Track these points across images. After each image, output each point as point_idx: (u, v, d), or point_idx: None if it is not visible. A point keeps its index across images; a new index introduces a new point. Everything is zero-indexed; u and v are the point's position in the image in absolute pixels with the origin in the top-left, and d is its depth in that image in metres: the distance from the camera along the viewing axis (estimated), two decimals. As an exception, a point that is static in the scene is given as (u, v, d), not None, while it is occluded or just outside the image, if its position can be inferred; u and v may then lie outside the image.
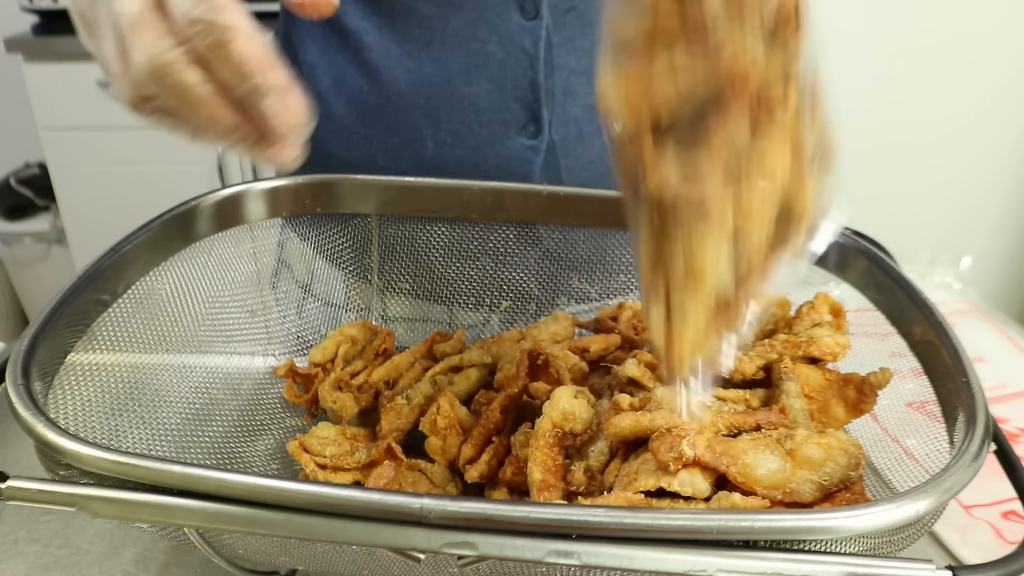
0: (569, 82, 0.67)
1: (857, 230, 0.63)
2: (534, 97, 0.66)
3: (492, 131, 0.68)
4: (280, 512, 0.36)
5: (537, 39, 0.65)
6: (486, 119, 0.68)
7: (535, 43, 0.65)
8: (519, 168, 0.69)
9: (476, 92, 0.67)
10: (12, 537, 0.61)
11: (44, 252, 2.34)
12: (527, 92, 0.66)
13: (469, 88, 0.66)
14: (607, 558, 0.35)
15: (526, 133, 0.68)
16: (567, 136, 0.69)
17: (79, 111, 2.01)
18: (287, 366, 0.64)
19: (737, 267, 0.37)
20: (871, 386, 0.52)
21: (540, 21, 0.65)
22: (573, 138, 0.69)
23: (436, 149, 0.69)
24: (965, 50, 1.91)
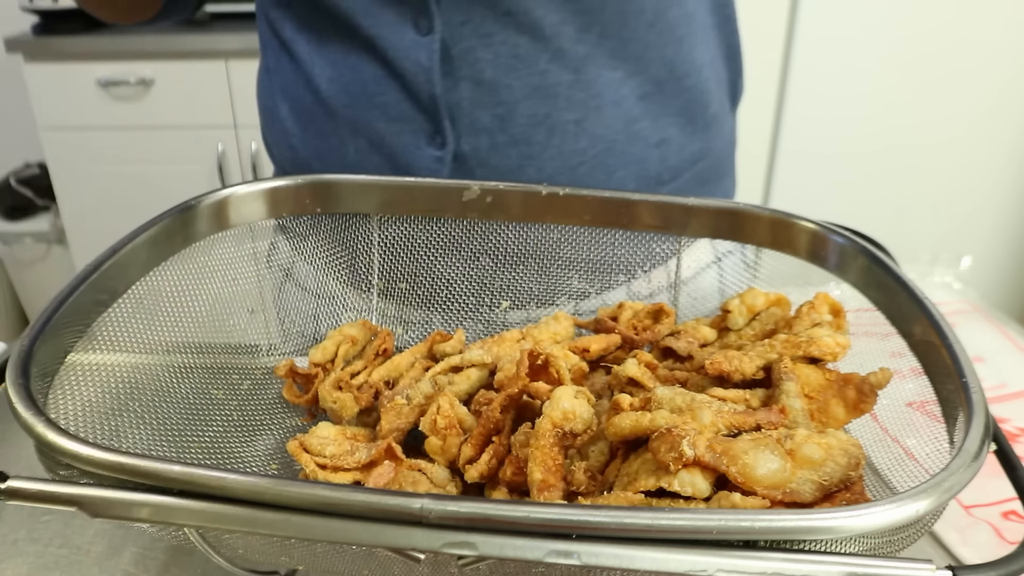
0: (475, 93, 0.67)
1: (857, 230, 0.63)
2: (435, 109, 0.67)
3: (404, 140, 0.70)
4: (280, 512, 0.36)
5: (432, 52, 0.65)
6: (397, 129, 0.69)
7: (430, 57, 0.66)
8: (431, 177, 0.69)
9: (387, 102, 0.69)
10: (12, 537, 0.61)
11: (44, 252, 2.34)
12: (428, 104, 0.67)
13: (381, 98, 0.69)
14: (607, 558, 0.35)
15: (433, 144, 0.69)
16: (478, 147, 0.69)
17: (79, 111, 2.01)
18: (287, 366, 0.64)
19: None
20: (871, 386, 0.52)
21: (434, 36, 0.65)
22: (485, 148, 0.69)
23: (356, 155, 0.72)
24: (966, 52, 1.91)
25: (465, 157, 0.69)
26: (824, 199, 2.03)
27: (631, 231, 0.68)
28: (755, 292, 0.61)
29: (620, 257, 0.70)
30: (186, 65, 1.96)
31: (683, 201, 0.66)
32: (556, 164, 0.69)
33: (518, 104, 0.67)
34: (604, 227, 0.68)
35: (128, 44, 1.96)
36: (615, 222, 0.67)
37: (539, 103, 0.67)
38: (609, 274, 0.71)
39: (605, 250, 0.69)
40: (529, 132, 0.68)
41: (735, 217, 0.66)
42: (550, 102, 0.67)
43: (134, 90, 1.98)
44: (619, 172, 0.71)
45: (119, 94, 1.99)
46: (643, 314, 0.65)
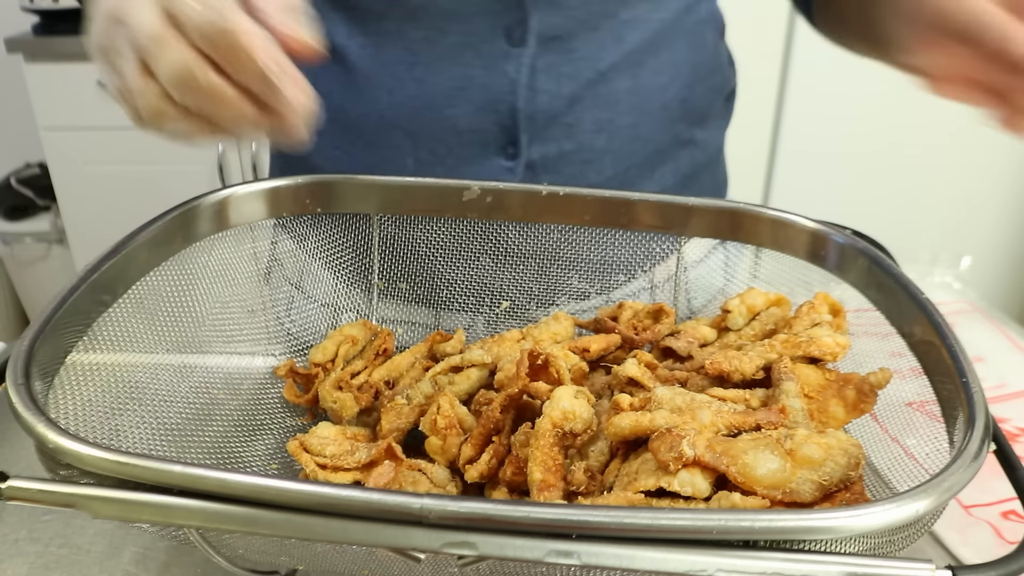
0: (551, 105, 0.68)
1: (857, 230, 0.63)
2: (513, 122, 0.68)
3: (471, 152, 0.69)
4: (280, 512, 0.36)
5: (520, 66, 0.66)
6: (465, 140, 0.69)
7: (518, 69, 0.66)
8: None
9: (457, 114, 0.68)
10: (12, 537, 0.61)
11: (44, 252, 2.34)
12: (506, 116, 0.67)
13: (450, 110, 0.68)
14: (607, 558, 0.35)
15: (504, 155, 0.69)
16: (546, 155, 0.70)
17: (79, 111, 2.01)
18: (287, 366, 0.64)
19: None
20: (871, 386, 0.53)
21: (525, 48, 0.66)
22: (552, 157, 0.70)
23: (416, 167, 0.70)
24: (965, 50, 1.91)
25: (534, 166, 0.70)
26: (824, 199, 2.03)
27: (631, 231, 0.68)
28: (755, 292, 0.61)
29: (620, 257, 0.70)
30: (186, 65, 1.96)
31: (683, 201, 0.66)
32: (614, 168, 0.71)
33: (586, 112, 0.69)
34: (604, 227, 0.68)
35: (128, 44, 1.96)
36: (615, 222, 0.67)
37: (603, 110, 0.69)
38: (609, 274, 0.71)
39: (605, 250, 0.69)
40: (593, 139, 0.70)
41: (735, 217, 0.66)
42: (612, 108, 0.69)
43: (134, 90, 1.98)
44: (659, 170, 0.74)
45: (119, 94, 1.98)
46: (643, 314, 0.65)
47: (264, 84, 0.39)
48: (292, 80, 0.40)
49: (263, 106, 0.41)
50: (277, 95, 0.40)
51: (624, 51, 0.68)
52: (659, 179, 0.74)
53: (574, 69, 0.67)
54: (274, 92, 0.40)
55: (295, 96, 0.40)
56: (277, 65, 0.39)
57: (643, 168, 0.73)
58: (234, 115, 0.40)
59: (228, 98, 0.40)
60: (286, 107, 0.40)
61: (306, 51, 0.42)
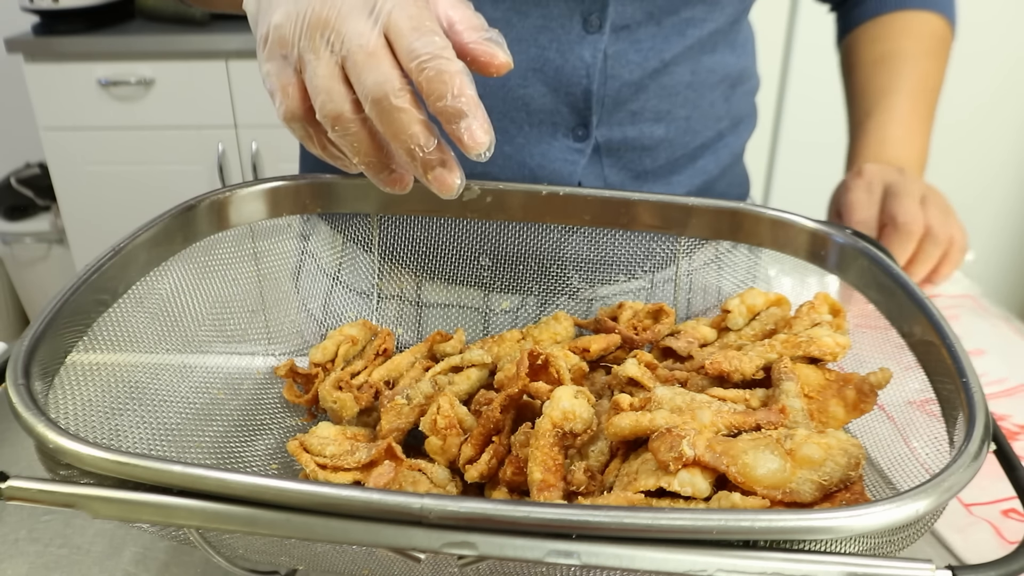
0: (619, 92, 0.70)
1: (862, 233, 0.63)
2: (586, 105, 0.70)
3: (541, 132, 0.71)
4: (280, 512, 0.36)
5: (596, 51, 0.68)
6: (536, 120, 0.71)
7: (594, 55, 0.68)
8: (564, 168, 0.72)
9: (530, 95, 0.69)
10: (12, 537, 0.61)
11: (44, 252, 2.34)
12: (579, 100, 0.70)
13: (524, 90, 0.69)
14: (607, 558, 0.35)
15: (574, 136, 0.71)
16: (611, 138, 0.72)
17: (79, 111, 2.01)
18: (287, 366, 0.64)
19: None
20: (871, 386, 0.53)
21: (602, 35, 0.68)
22: (616, 141, 0.72)
23: None
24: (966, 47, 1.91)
25: (599, 149, 0.72)
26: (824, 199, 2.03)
27: (631, 231, 0.68)
28: (755, 292, 0.61)
29: (620, 257, 0.70)
30: (186, 65, 1.96)
31: (683, 201, 0.66)
32: (667, 155, 0.74)
33: (649, 101, 0.71)
34: (604, 227, 0.68)
35: (128, 44, 1.96)
36: (615, 222, 0.67)
37: (663, 100, 0.72)
38: (609, 274, 0.71)
39: (605, 250, 0.69)
40: (652, 127, 0.73)
41: (735, 217, 0.66)
42: (671, 100, 0.72)
43: (134, 90, 1.98)
44: (700, 161, 0.77)
45: (119, 94, 1.99)
46: (643, 314, 0.65)
47: (455, 116, 0.41)
48: (482, 120, 0.41)
49: (435, 144, 0.43)
50: (461, 122, 0.41)
51: (684, 46, 0.71)
52: (702, 168, 0.77)
53: (641, 58, 0.70)
54: (459, 119, 0.41)
55: (480, 135, 0.41)
56: (474, 103, 0.41)
57: (690, 159, 0.76)
58: (411, 142, 0.41)
59: (412, 117, 0.41)
60: (466, 140, 0.41)
61: (499, 67, 0.44)
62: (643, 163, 0.74)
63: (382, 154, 0.45)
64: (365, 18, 0.41)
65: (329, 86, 0.42)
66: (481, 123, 0.41)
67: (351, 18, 0.41)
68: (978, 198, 2.09)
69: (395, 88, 0.41)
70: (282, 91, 0.44)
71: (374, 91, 0.41)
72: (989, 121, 1.99)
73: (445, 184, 0.43)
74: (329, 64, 0.42)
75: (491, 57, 0.43)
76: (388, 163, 0.46)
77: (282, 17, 0.44)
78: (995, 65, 1.93)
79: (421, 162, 0.42)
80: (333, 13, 0.42)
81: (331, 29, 0.42)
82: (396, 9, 0.41)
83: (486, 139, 0.41)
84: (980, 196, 2.09)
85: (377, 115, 0.42)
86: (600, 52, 0.68)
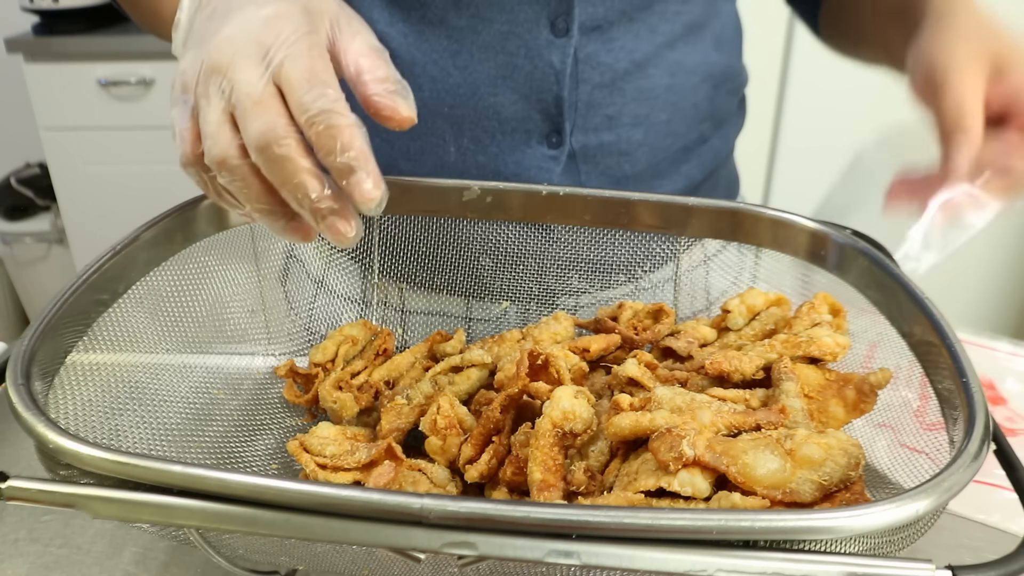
0: (592, 95, 0.69)
1: (856, 230, 0.63)
2: (557, 110, 0.68)
3: (514, 140, 0.70)
4: (280, 512, 0.36)
5: (565, 56, 0.67)
6: (509, 128, 0.69)
7: (563, 59, 0.67)
8: (539, 176, 0.71)
9: (501, 103, 0.68)
10: (12, 537, 0.61)
11: (44, 252, 2.34)
12: (551, 106, 0.68)
13: (494, 98, 0.68)
14: (607, 558, 0.35)
15: (548, 143, 0.70)
16: (587, 145, 0.71)
17: (79, 111, 2.01)
18: (287, 366, 0.64)
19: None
20: (871, 386, 0.53)
21: (570, 39, 0.67)
22: (592, 147, 0.71)
23: (458, 155, 0.70)
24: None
25: (574, 155, 0.71)
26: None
27: (631, 231, 0.68)
28: (755, 292, 0.61)
29: (620, 257, 0.70)
30: (186, 65, 1.96)
31: (683, 201, 0.66)
32: (647, 160, 0.73)
33: (626, 105, 0.70)
34: (604, 227, 0.68)
35: (128, 44, 1.96)
36: (615, 222, 0.67)
37: (641, 104, 0.71)
38: (609, 274, 0.71)
39: (605, 250, 0.69)
40: (631, 131, 0.71)
41: (735, 217, 0.66)
42: (649, 103, 0.71)
43: (134, 90, 1.98)
44: (685, 166, 0.76)
45: (119, 94, 1.99)
46: (643, 314, 0.65)
47: (345, 172, 0.40)
48: (372, 174, 0.41)
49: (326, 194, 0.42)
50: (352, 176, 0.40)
51: (657, 43, 0.70)
52: (686, 173, 0.76)
53: (613, 59, 0.68)
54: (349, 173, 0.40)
55: (367, 190, 0.41)
56: (364, 156, 0.40)
57: (672, 163, 0.75)
58: (298, 191, 0.41)
59: (299, 167, 0.40)
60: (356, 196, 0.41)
61: (401, 122, 0.43)
62: (622, 168, 0.72)
63: (277, 202, 0.44)
64: (256, 66, 0.41)
65: (216, 131, 0.42)
66: (371, 177, 0.40)
67: (242, 66, 0.41)
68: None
69: (278, 136, 0.40)
70: (180, 135, 0.45)
71: (258, 139, 0.40)
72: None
73: (338, 233, 0.42)
74: (218, 110, 0.42)
75: (392, 111, 0.43)
76: (287, 212, 0.44)
77: (187, 63, 0.44)
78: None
79: (311, 211, 0.42)
80: (226, 60, 0.42)
81: (223, 76, 0.41)
82: (288, 60, 0.41)
83: (376, 193, 0.41)
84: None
85: (263, 163, 0.41)
86: (569, 56, 0.67)
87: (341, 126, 0.40)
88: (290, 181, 0.41)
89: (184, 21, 0.47)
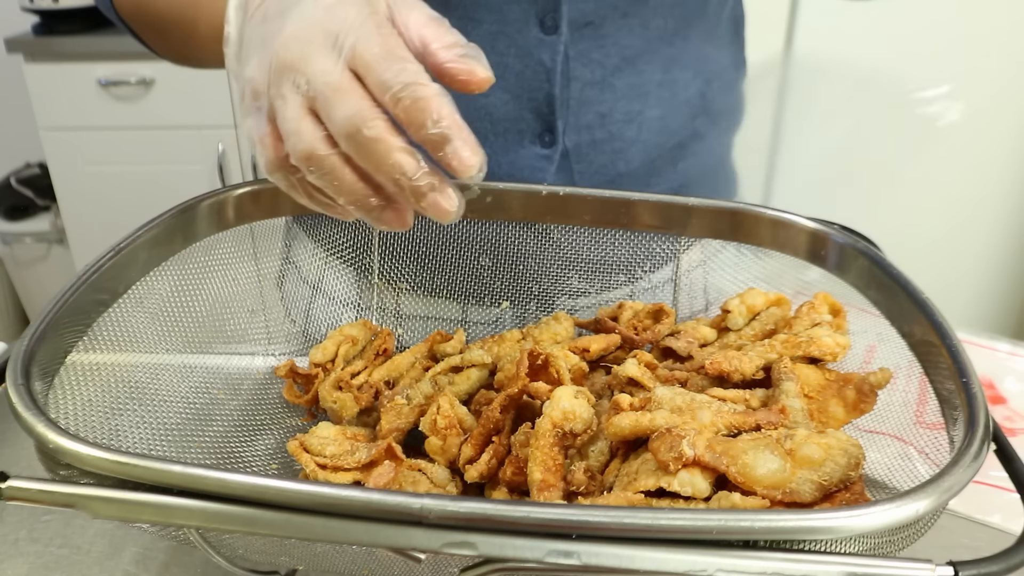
0: (583, 92, 0.69)
1: (855, 229, 0.63)
2: (549, 109, 0.68)
3: (507, 140, 0.69)
4: (280, 512, 0.36)
5: (555, 53, 0.67)
6: (501, 129, 0.69)
7: (553, 57, 0.67)
8: (532, 176, 0.70)
9: (492, 103, 0.68)
10: (12, 537, 0.61)
11: (44, 252, 2.34)
12: (543, 104, 0.68)
13: (485, 99, 0.68)
14: (607, 558, 0.35)
15: (541, 142, 0.70)
16: (579, 143, 0.70)
17: (79, 111, 2.01)
18: (287, 366, 0.64)
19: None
20: (871, 386, 0.52)
21: (559, 36, 0.66)
22: (585, 144, 0.71)
23: None
24: (966, 49, 1.91)
25: (567, 154, 0.71)
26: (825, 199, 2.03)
27: (631, 231, 0.68)
28: (755, 292, 0.61)
29: (620, 257, 0.70)
30: (186, 65, 1.96)
31: (683, 201, 0.66)
32: (641, 158, 0.72)
33: (618, 102, 0.70)
34: (604, 227, 0.68)
35: (128, 44, 1.94)
36: (615, 222, 0.67)
37: (633, 101, 0.70)
38: (609, 274, 0.71)
39: (605, 250, 0.69)
40: (623, 128, 0.71)
41: (735, 217, 0.66)
42: (642, 100, 0.70)
43: (134, 90, 1.98)
44: (681, 164, 0.75)
45: (119, 94, 1.99)
46: (643, 314, 0.65)
47: (440, 143, 0.39)
48: (469, 141, 0.39)
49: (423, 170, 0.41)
50: (447, 146, 0.39)
51: (649, 38, 0.69)
52: (682, 171, 0.75)
53: (604, 55, 0.68)
54: (445, 143, 0.39)
55: (467, 157, 0.39)
56: (457, 125, 0.39)
57: (667, 160, 0.74)
58: (392, 165, 0.40)
59: (392, 147, 0.39)
60: (456, 165, 0.39)
61: (480, 83, 0.42)
62: (616, 167, 0.72)
63: (371, 191, 0.43)
64: (328, 54, 0.40)
65: (297, 127, 0.41)
66: (468, 144, 0.39)
67: (315, 57, 0.40)
68: (978, 205, 2.09)
69: (366, 119, 0.39)
70: (260, 143, 0.43)
71: (345, 126, 0.39)
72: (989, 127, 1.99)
73: (441, 209, 0.41)
74: (296, 105, 0.41)
75: (469, 74, 0.41)
76: (384, 198, 0.43)
77: (253, 70, 0.43)
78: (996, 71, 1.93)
79: (410, 191, 0.40)
80: (296, 55, 0.40)
81: (296, 71, 0.40)
82: (360, 42, 0.40)
83: (476, 160, 0.39)
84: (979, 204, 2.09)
85: (354, 150, 0.40)
86: (559, 53, 0.66)
87: (428, 97, 0.38)
88: (385, 162, 0.39)
89: (234, 34, 0.46)
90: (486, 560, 0.38)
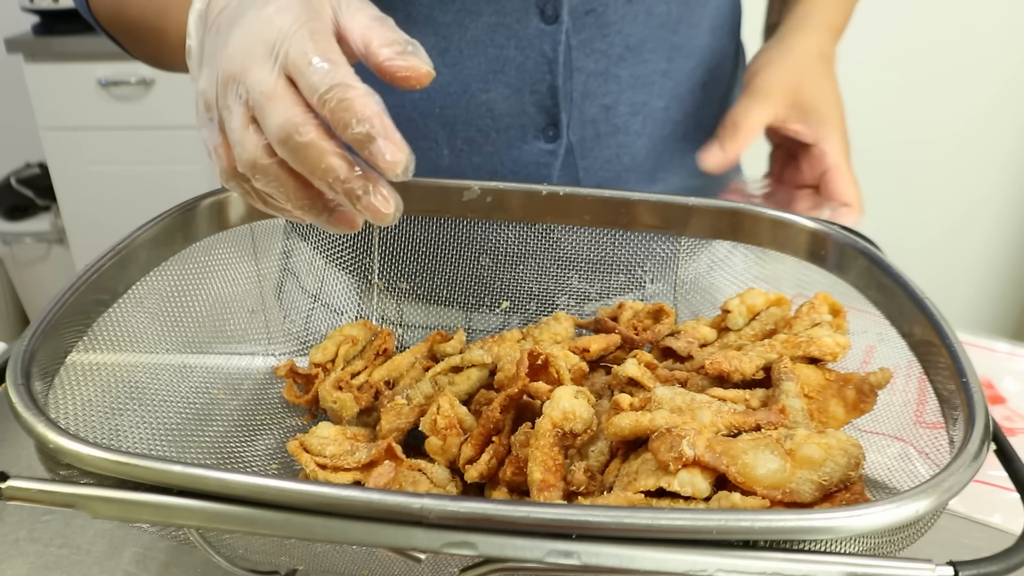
0: (587, 84, 0.68)
1: (855, 229, 0.63)
2: (553, 101, 0.67)
3: (509, 136, 0.68)
4: (280, 512, 0.36)
5: (557, 43, 0.65)
6: (503, 125, 0.68)
7: (554, 47, 0.65)
8: (537, 172, 0.69)
9: (493, 98, 0.67)
10: (12, 537, 0.61)
11: (44, 252, 2.34)
12: (545, 97, 0.67)
13: (486, 95, 0.67)
14: (607, 558, 0.35)
15: (544, 137, 0.69)
16: (584, 137, 0.69)
17: (79, 111, 2.01)
18: (287, 366, 0.64)
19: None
20: (871, 386, 0.52)
21: (560, 25, 0.65)
22: (590, 139, 0.70)
23: (452, 157, 0.69)
24: (965, 49, 1.91)
25: (572, 148, 0.70)
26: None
27: (631, 231, 0.68)
28: (755, 292, 0.61)
29: (620, 257, 0.70)
30: (186, 65, 1.96)
31: (683, 201, 0.66)
32: (646, 151, 0.71)
33: (623, 93, 0.69)
34: (604, 227, 0.68)
35: (128, 44, 1.96)
36: (615, 222, 0.67)
37: (638, 92, 0.69)
38: (609, 274, 0.71)
39: (605, 250, 0.69)
40: (628, 121, 0.70)
41: (735, 217, 0.66)
42: (646, 91, 0.69)
43: (134, 90, 1.98)
44: (686, 158, 0.74)
45: (119, 94, 1.99)
46: (643, 314, 0.65)
47: (365, 142, 0.39)
48: (392, 138, 0.39)
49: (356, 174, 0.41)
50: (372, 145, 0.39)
51: (653, 26, 0.68)
52: (688, 166, 0.74)
53: (607, 44, 0.67)
54: (370, 142, 0.39)
55: (391, 154, 0.39)
56: (382, 124, 0.39)
57: (673, 154, 0.73)
58: (324, 168, 0.40)
59: (323, 150, 0.39)
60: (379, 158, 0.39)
61: (420, 79, 0.42)
62: (622, 161, 0.71)
63: (315, 195, 0.43)
64: (265, 63, 0.41)
65: (241, 137, 0.41)
66: (393, 142, 0.39)
67: (253, 67, 0.41)
68: (976, 207, 2.09)
69: (296, 125, 0.39)
70: (214, 153, 0.44)
71: (278, 133, 0.40)
72: (988, 127, 1.99)
73: (376, 211, 0.41)
74: (239, 116, 0.41)
75: (409, 70, 0.41)
76: (327, 203, 0.44)
77: (204, 82, 0.44)
78: (994, 70, 1.93)
79: (345, 193, 0.40)
80: (238, 66, 0.41)
81: (239, 82, 0.41)
82: (292, 48, 0.40)
83: (400, 156, 0.39)
84: (979, 204, 2.09)
85: (289, 156, 0.40)
86: (561, 43, 0.65)
87: (352, 97, 0.39)
88: (318, 167, 0.40)
89: (195, 46, 0.47)
90: (486, 560, 0.38)
